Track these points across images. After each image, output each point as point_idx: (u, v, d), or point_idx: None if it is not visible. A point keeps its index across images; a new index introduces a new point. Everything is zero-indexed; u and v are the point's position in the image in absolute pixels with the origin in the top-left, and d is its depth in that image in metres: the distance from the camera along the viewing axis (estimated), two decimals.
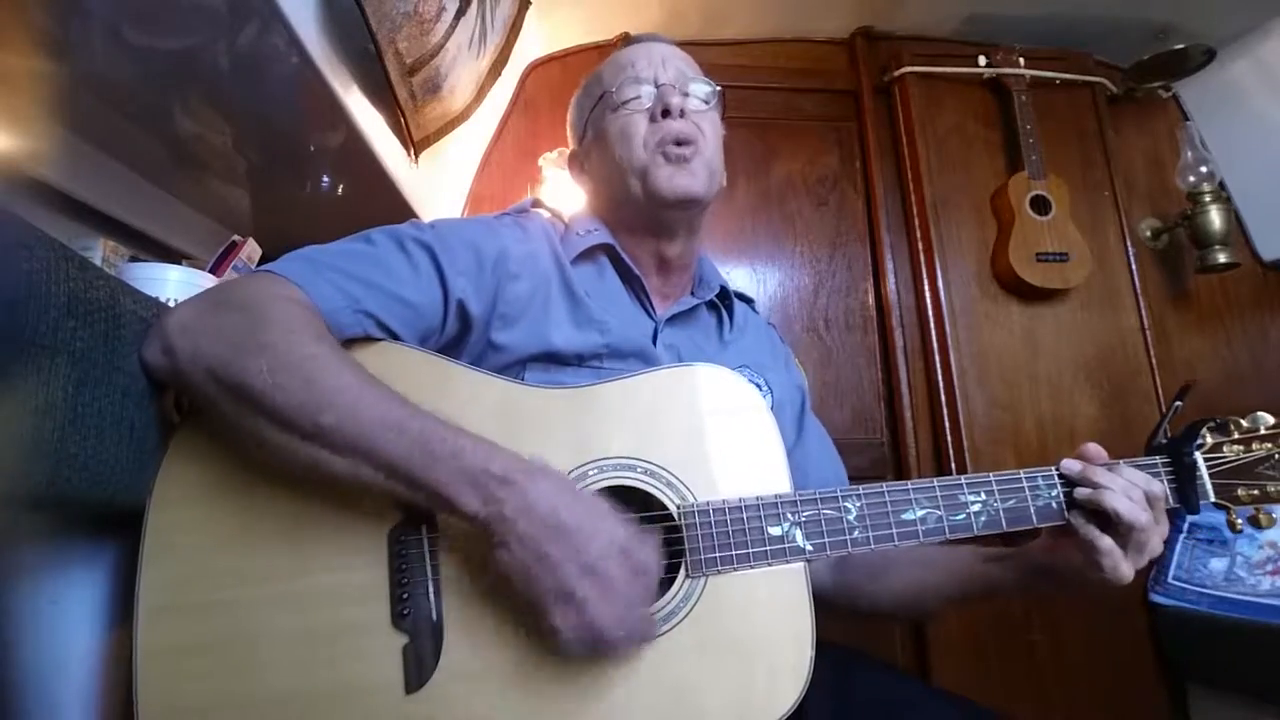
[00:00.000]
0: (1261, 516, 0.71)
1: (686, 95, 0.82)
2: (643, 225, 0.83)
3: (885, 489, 0.67)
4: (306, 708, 0.55)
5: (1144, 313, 1.64)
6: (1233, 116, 1.75)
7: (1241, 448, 0.73)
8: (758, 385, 0.84)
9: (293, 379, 0.54)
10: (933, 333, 1.60)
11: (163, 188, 1.12)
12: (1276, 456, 0.72)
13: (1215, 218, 1.66)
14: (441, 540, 0.60)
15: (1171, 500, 0.71)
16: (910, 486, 0.68)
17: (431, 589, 0.58)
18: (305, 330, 0.58)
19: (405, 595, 0.58)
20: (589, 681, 0.58)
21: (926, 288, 1.62)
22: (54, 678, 0.54)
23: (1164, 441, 0.75)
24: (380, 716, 0.55)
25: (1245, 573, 1.40)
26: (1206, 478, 0.72)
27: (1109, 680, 1.47)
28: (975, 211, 1.67)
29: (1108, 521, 0.66)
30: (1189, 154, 1.72)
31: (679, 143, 0.79)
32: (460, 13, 1.12)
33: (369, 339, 0.66)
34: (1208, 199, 1.67)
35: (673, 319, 0.84)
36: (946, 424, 1.54)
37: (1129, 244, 1.68)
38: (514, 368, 0.73)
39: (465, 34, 1.18)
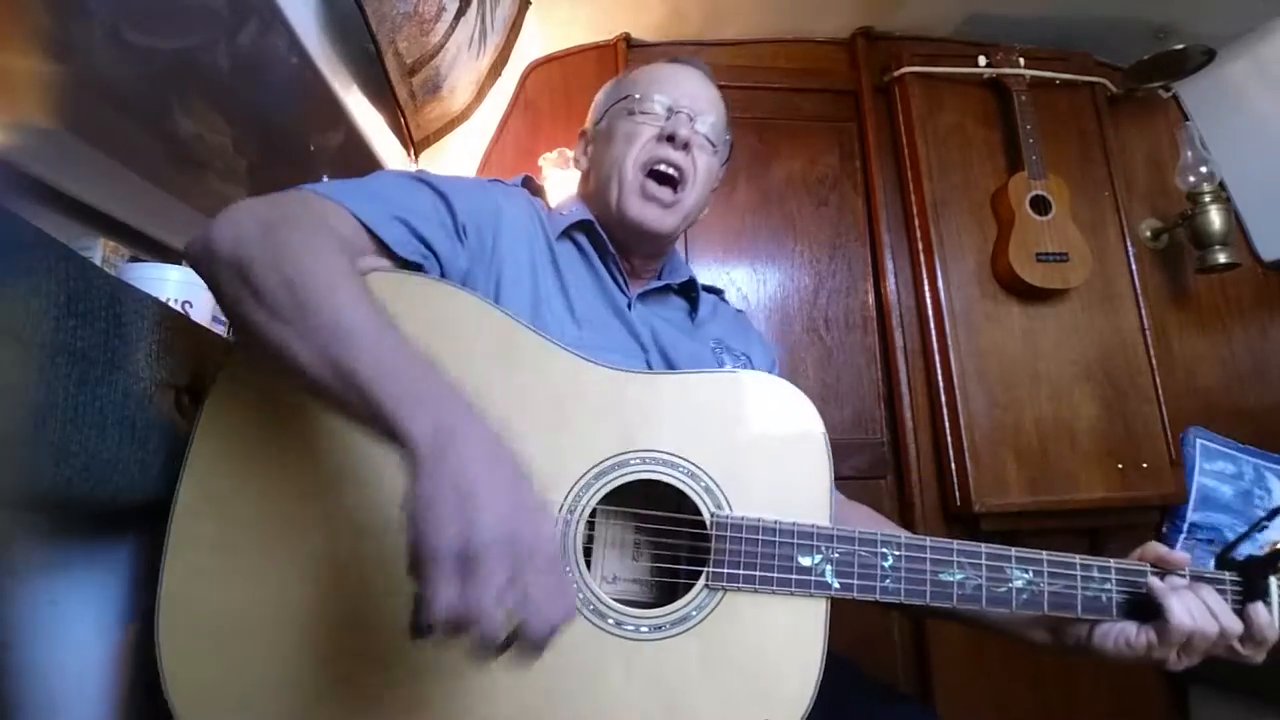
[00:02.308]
0: None
1: (703, 134, 0.87)
2: (612, 226, 0.87)
3: (929, 544, 0.66)
4: (318, 622, 0.56)
5: (1144, 313, 1.64)
6: (1233, 116, 1.75)
7: None
8: (736, 358, 0.89)
9: (292, 261, 0.54)
10: (933, 333, 1.60)
11: (163, 188, 1.12)
12: None
13: (1215, 218, 1.66)
14: None
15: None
16: (955, 547, 0.66)
17: None
18: (330, 241, 0.59)
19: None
20: (588, 664, 0.59)
21: (926, 288, 1.62)
22: (54, 678, 0.54)
23: (1236, 558, 0.71)
24: (381, 650, 0.56)
25: None
26: (1276, 607, 0.68)
27: (1109, 680, 1.48)
28: (975, 211, 1.67)
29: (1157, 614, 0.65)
30: (1189, 154, 1.72)
31: (665, 178, 0.83)
32: (460, 13, 1.12)
33: (421, 274, 0.68)
34: (1208, 199, 1.67)
35: (644, 296, 0.88)
36: (946, 424, 1.54)
37: (1129, 244, 1.68)
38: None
39: (465, 34, 1.18)
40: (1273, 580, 0.68)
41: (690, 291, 0.93)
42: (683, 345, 0.84)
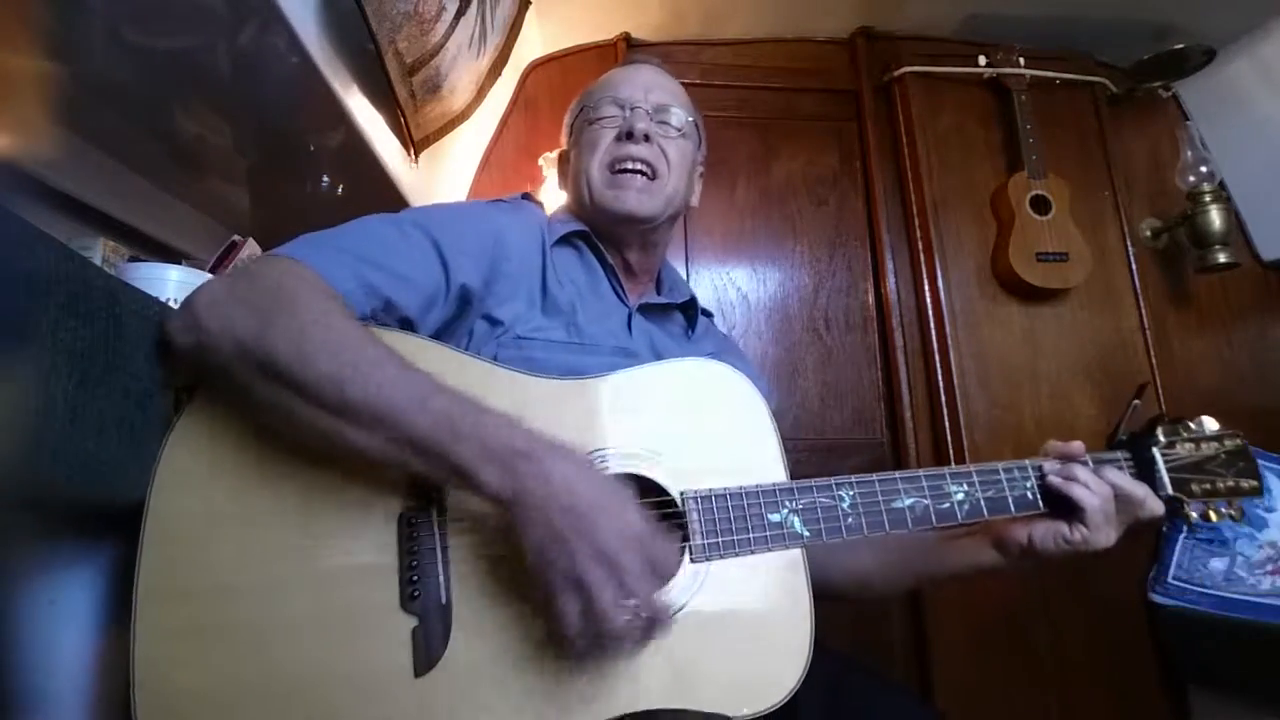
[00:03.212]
0: (1210, 511, 0.79)
1: (664, 123, 0.88)
2: (600, 231, 0.89)
3: (876, 479, 0.71)
4: (312, 689, 0.55)
5: (1144, 313, 1.64)
6: (1233, 116, 1.75)
7: (1192, 446, 0.80)
8: None
9: (320, 351, 0.55)
10: (933, 333, 1.60)
11: (163, 188, 1.12)
12: (1222, 456, 0.80)
13: (1215, 218, 1.66)
14: (452, 524, 0.60)
15: None
16: (898, 476, 0.72)
17: (441, 572, 0.59)
18: (331, 307, 0.60)
19: (415, 578, 0.58)
20: (594, 663, 0.59)
21: (926, 288, 1.62)
22: (53, 678, 0.54)
23: (1124, 438, 0.82)
24: (388, 699, 0.55)
25: (1245, 573, 1.41)
26: (1164, 471, 0.79)
27: (1109, 680, 1.47)
28: (975, 211, 1.67)
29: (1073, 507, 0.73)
30: (1189, 154, 1.72)
31: (635, 163, 0.84)
32: (460, 13, 1.12)
33: (381, 327, 0.67)
34: (1208, 199, 1.67)
35: (644, 309, 0.89)
36: (946, 424, 1.54)
37: (1129, 244, 1.68)
38: (490, 333, 0.75)
39: (465, 34, 1.18)
40: (1155, 450, 0.79)
41: (689, 310, 0.95)
42: (679, 355, 0.84)
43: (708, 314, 1.03)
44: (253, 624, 0.56)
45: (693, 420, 0.69)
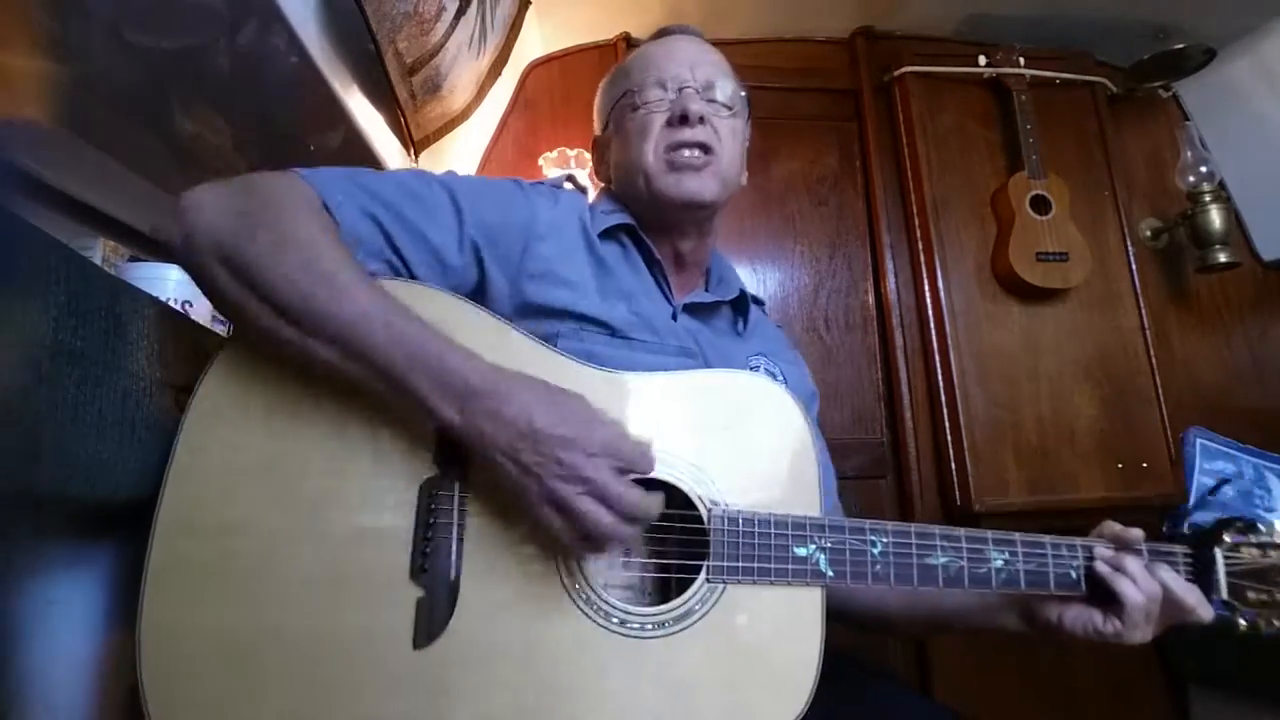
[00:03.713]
0: (1262, 622, 0.73)
1: (712, 100, 0.82)
2: (654, 222, 0.84)
3: (913, 530, 0.68)
4: (310, 645, 0.55)
5: (1144, 313, 1.64)
6: (1233, 116, 1.75)
7: (1258, 552, 0.74)
8: (773, 374, 0.86)
9: (291, 256, 0.55)
10: (933, 333, 1.60)
11: (163, 188, 1.12)
12: None
13: (1215, 217, 1.66)
14: (472, 500, 0.60)
15: None
16: (937, 532, 0.69)
17: (454, 549, 0.59)
18: (320, 226, 0.59)
19: (428, 550, 0.58)
20: (593, 665, 0.59)
21: (926, 288, 1.62)
22: (53, 679, 0.54)
23: (1186, 532, 0.75)
24: (384, 667, 0.55)
25: None
26: (1223, 575, 0.73)
27: (1109, 680, 1.47)
28: (975, 211, 1.67)
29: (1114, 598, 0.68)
30: (1189, 154, 1.72)
31: (691, 149, 0.79)
32: (460, 13, 1.12)
33: (422, 284, 0.66)
34: (1208, 199, 1.67)
35: (690, 307, 0.84)
36: (946, 424, 1.54)
37: (1129, 244, 1.68)
38: (547, 328, 0.72)
39: (465, 34, 1.18)
40: (1218, 552, 0.73)
41: (739, 302, 0.90)
42: (726, 356, 0.82)
43: (759, 302, 0.98)
44: (258, 569, 0.56)
45: (734, 436, 0.67)
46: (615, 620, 0.60)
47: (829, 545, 0.65)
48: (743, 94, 0.87)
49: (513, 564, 0.60)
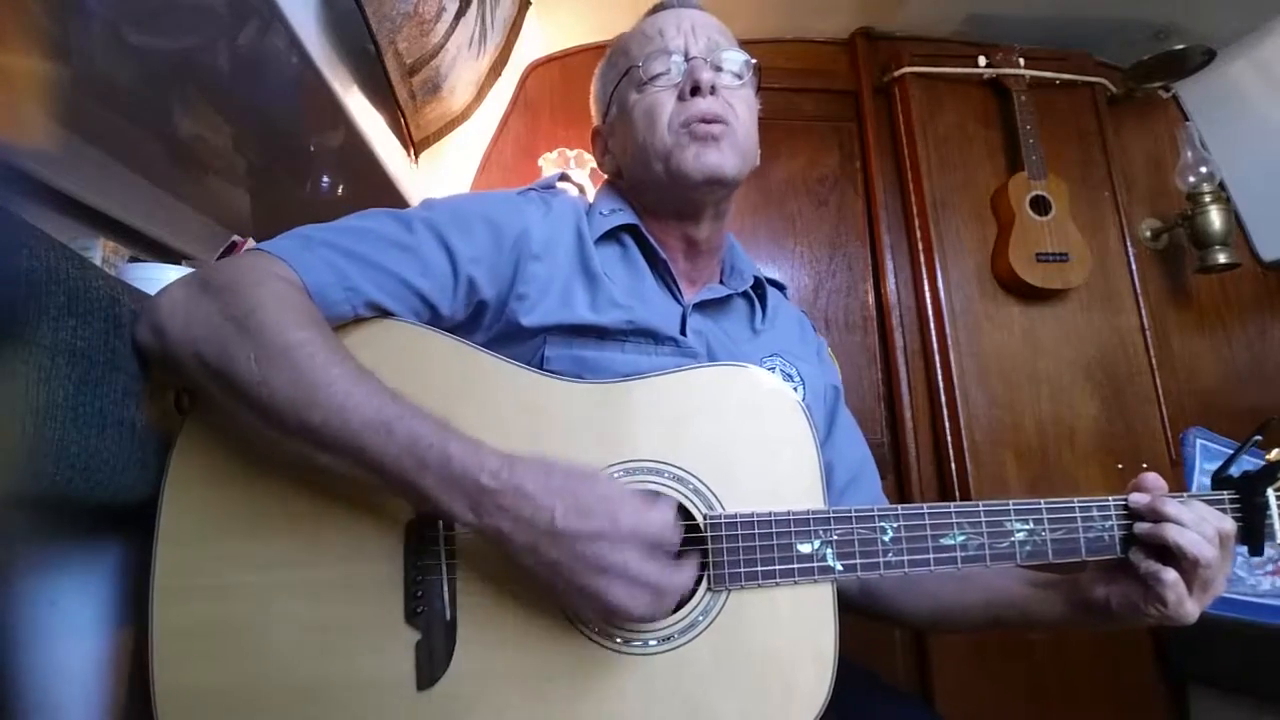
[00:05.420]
0: None
1: (719, 69, 0.78)
2: (668, 208, 0.79)
3: (925, 510, 0.64)
4: (317, 697, 0.55)
5: (1144, 313, 1.64)
6: (1233, 116, 1.75)
7: None
8: (789, 376, 0.80)
9: (279, 371, 0.53)
10: (933, 333, 1.60)
11: (163, 188, 1.12)
12: None
13: (1215, 218, 1.66)
14: (460, 537, 0.59)
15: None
16: (953, 509, 0.64)
17: (446, 588, 0.58)
18: (292, 313, 0.56)
19: (420, 592, 0.57)
20: (602, 689, 0.58)
21: (926, 288, 1.62)
22: (54, 680, 0.54)
23: (1233, 475, 0.70)
24: (390, 712, 0.55)
25: (1245, 573, 1.41)
26: (1277, 519, 0.67)
27: (1109, 680, 1.47)
28: (975, 211, 1.67)
29: (1169, 555, 0.62)
30: (1189, 154, 1.72)
31: (707, 121, 0.74)
32: (460, 13, 1.12)
33: (387, 318, 0.64)
34: (1208, 199, 1.67)
35: (701, 305, 0.79)
36: (946, 424, 1.54)
37: (1129, 244, 1.68)
38: (534, 342, 0.70)
39: (465, 34, 1.18)
40: (1270, 493, 0.66)
41: (759, 289, 0.85)
42: (737, 359, 0.76)
43: (779, 286, 0.92)
44: (257, 626, 0.56)
45: (725, 433, 0.64)
46: (619, 639, 0.59)
47: (835, 537, 0.62)
48: (753, 62, 0.82)
49: (508, 596, 0.58)
